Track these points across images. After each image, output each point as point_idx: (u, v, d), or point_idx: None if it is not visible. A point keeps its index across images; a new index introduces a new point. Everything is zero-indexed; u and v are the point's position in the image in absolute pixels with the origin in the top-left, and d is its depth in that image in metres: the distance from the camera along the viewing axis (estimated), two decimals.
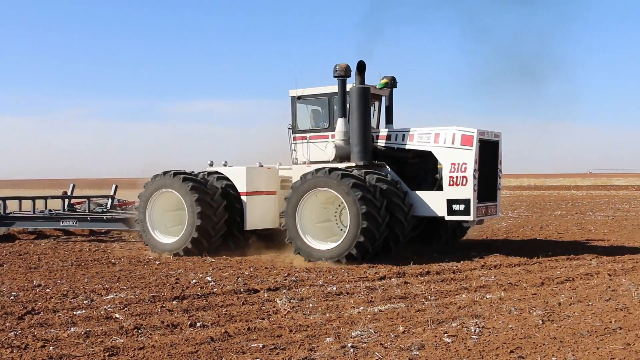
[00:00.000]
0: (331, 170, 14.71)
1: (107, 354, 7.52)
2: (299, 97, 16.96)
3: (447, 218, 15.16)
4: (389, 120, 17.58)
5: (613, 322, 8.92)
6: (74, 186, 23.01)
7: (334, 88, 16.15)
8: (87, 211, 20.88)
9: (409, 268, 13.44)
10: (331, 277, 12.69)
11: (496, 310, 9.73)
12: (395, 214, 14.65)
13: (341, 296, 10.86)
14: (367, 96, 15.59)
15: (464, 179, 14.77)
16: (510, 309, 9.80)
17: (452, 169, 14.90)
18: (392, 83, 17.41)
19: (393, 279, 12.42)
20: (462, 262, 14.29)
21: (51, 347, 7.74)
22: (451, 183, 14.89)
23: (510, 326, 8.77)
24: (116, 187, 22.50)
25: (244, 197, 16.64)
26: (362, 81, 15.67)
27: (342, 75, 15.75)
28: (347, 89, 15.85)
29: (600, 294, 11.03)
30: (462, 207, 14.80)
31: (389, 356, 7.45)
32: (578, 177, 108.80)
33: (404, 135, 15.94)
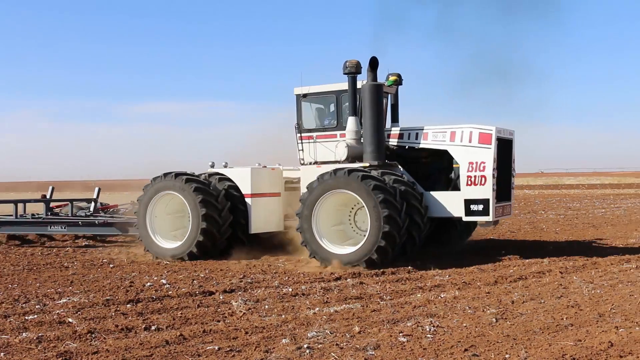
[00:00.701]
0: (365, 176, 13.98)
1: (60, 359, 7.41)
2: (304, 95, 16.26)
3: (465, 219, 14.71)
4: (395, 118, 16.88)
5: (565, 319, 9.08)
6: (53, 189, 21.74)
7: (342, 85, 15.56)
8: (70, 215, 19.88)
9: (364, 268, 13.50)
10: (287, 278, 12.68)
11: (450, 309, 9.83)
12: (414, 217, 14.26)
13: (297, 297, 10.86)
14: (380, 93, 15.01)
15: (483, 179, 14.32)
16: (465, 308, 9.91)
17: (470, 168, 14.44)
18: (398, 80, 16.74)
19: (348, 280, 12.47)
20: (417, 261, 14.36)
21: (2, 354, 7.59)
22: (469, 183, 14.43)
23: (465, 325, 8.87)
24: (99, 190, 21.54)
25: (248, 199, 16.00)
26: (375, 78, 14.99)
27: (353, 72, 15.13)
28: (358, 86, 15.26)
29: (552, 291, 11.22)
30: (480, 207, 14.34)
31: (345, 356, 7.47)
32: (530, 176, 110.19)
33: (417, 133, 15.38)
